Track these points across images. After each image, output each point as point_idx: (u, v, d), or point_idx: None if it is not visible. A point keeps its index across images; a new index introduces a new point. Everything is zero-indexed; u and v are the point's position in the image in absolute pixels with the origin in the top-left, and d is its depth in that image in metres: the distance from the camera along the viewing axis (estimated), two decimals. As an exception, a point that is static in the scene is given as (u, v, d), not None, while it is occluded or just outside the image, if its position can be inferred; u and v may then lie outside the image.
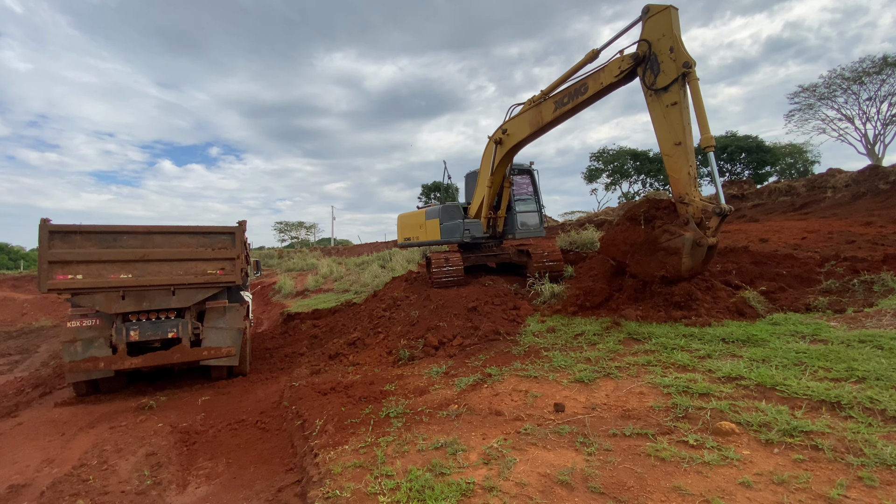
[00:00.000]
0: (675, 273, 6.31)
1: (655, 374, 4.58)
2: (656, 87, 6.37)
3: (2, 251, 49.13)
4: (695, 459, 3.10)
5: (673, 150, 6.34)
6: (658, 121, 6.48)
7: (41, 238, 6.11)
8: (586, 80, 7.42)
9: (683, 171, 6.31)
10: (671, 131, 6.33)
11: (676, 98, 6.21)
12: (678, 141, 6.27)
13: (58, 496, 3.80)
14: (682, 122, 6.21)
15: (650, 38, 6.39)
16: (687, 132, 6.25)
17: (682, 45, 6.15)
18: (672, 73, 6.18)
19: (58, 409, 6.34)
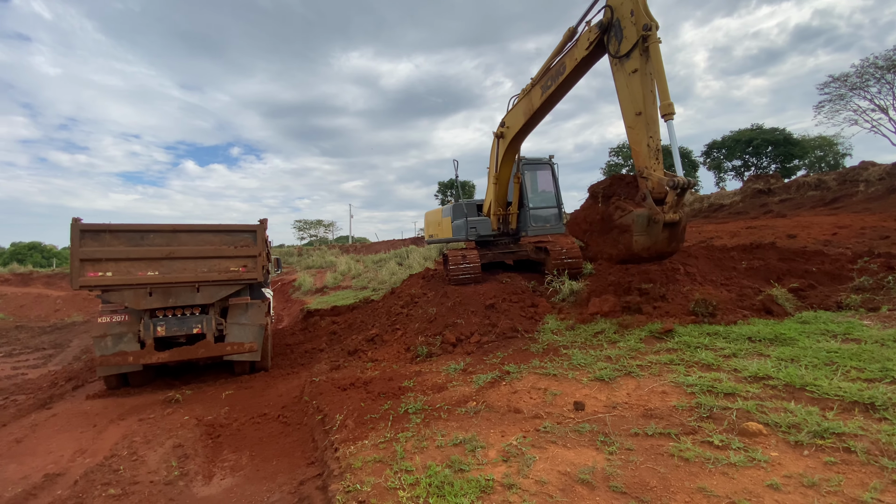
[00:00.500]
0: (627, 252, 5.99)
1: (678, 373, 4.50)
2: (619, 55, 6.06)
3: (35, 250, 51.20)
4: (720, 460, 3.03)
5: (634, 120, 5.98)
6: (621, 90, 6.14)
7: (73, 237, 6.33)
8: (564, 59, 7.18)
9: (643, 143, 5.93)
10: (632, 101, 5.98)
11: (636, 65, 5.86)
12: (638, 111, 5.91)
13: (90, 485, 3.94)
14: (643, 90, 5.83)
15: (613, 3, 6.10)
16: (648, 101, 5.85)
17: (643, 8, 5.78)
18: (633, 38, 5.85)
19: (90, 402, 6.58)
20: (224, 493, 3.83)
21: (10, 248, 51.48)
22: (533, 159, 10.06)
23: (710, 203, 17.04)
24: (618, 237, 6.06)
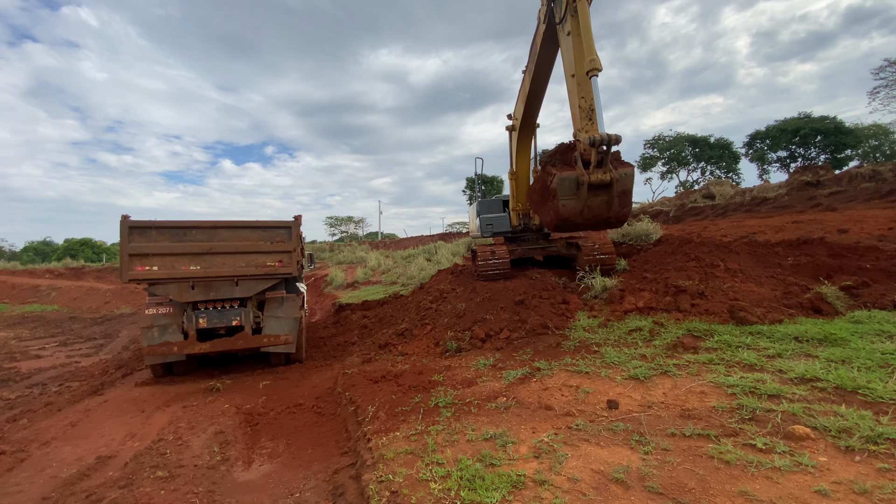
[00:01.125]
0: (557, 217, 5.88)
1: (718, 372, 4.34)
2: (559, 21, 6.09)
3: (87, 246, 54.43)
4: (763, 464, 2.92)
5: (569, 83, 5.91)
6: (562, 55, 6.18)
7: (122, 233, 6.70)
8: (535, 38, 7.36)
9: (575, 104, 5.79)
10: (567, 64, 5.94)
11: (570, 27, 5.81)
12: (571, 73, 5.82)
13: (140, 467, 4.17)
14: (575, 51, 5.76)
15: None
16: (578, 62, 5.74)
17: None
18: (563, 1, 5.88)
19: (138, 389, 6.96)
20: (263, 479, 3.98)
21: (64, 244, 54.91)
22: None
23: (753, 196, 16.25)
24: (551, 203, 5.94)
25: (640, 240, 10.41)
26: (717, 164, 41.74)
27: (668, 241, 9.50)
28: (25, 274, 29.64)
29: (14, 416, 6.03)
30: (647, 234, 10.41)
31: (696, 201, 17.91)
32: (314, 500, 3.52)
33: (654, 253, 8.79)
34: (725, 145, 41.38)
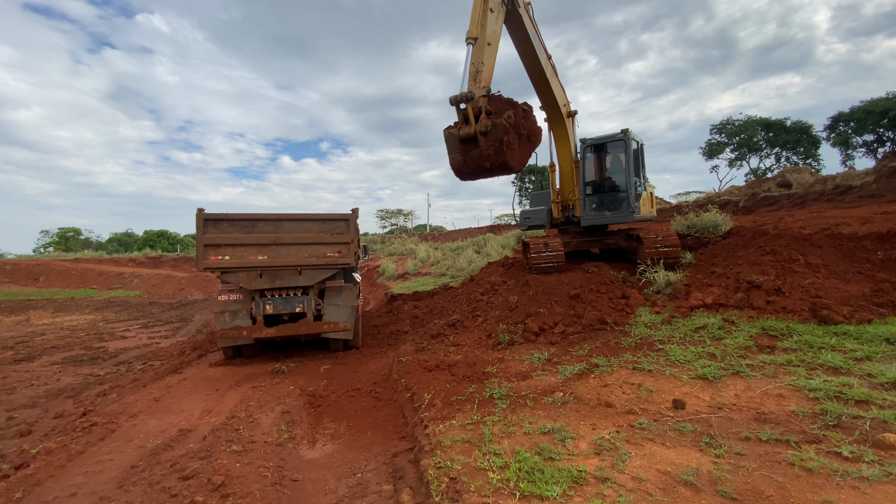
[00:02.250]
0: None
1: (798, 375, 4.03)
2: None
3: (163, 237, 59.38)
4: (850, 473, 2.70)
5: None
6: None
7: (198, 225, 7.23)
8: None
9: (470, 69, 6.51)
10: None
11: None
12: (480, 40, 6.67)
13: (217, 441, 4.51)
14: (480, 20, 6.67)
15: None
16: (481, 29, 6.66)
17: None
18: None
19: (212, 369, 7.53)
20: (326, 458, 4.19)
21: (143, 236, 60.27)
22: (599, 138, 9.18)
23: (836, 184, 14.73)
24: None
25: (707, 232, 9.76)
26: (793, 150, 38.16)
27: (739, 234, 8.86)
28: (111, 262, 32.84)
29: (104, 391, 6.73)
30: (715, 226, 9.75)
31: (769, 190, 16.52)
32: (375, 481, 3.65)
33: (723, 246, 8.23)
34: (803, 129, 37.70)
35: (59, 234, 58.32)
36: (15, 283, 27.57)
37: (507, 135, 6.53)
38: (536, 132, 7.22)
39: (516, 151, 6.74)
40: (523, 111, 6.75)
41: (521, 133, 6.84)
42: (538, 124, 7.27)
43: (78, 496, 3.59)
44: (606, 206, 9.02)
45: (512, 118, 6.49)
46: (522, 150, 6.94)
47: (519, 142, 6.79)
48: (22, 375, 8.12)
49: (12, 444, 4.87)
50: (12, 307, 20.46)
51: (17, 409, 6.29)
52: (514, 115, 6.50)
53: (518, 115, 6.61)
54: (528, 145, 7.08)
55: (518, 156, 6.83)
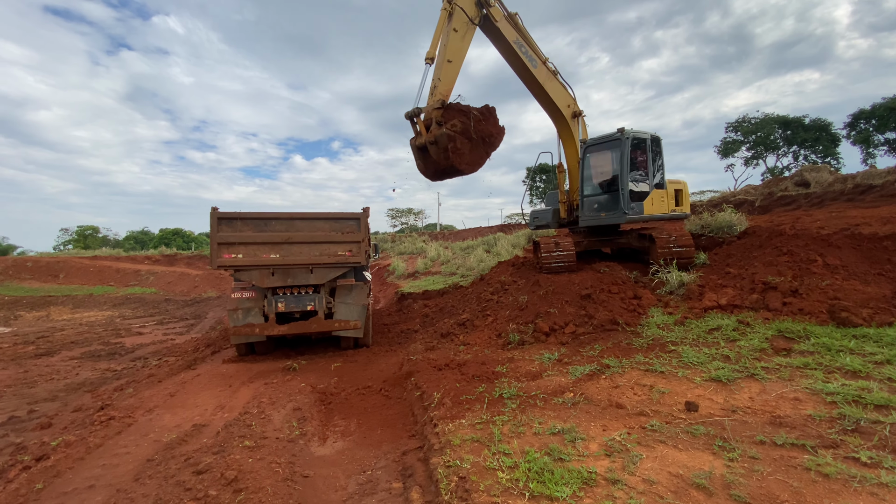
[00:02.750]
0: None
1: (815, 378, 3.95)
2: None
3: (178, 235, 60.32)
4: (868, 479, 2.64)
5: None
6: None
7: (212, 223, 7.32)
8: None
9: (431, 84, 7.57)
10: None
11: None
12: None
13: (230, 436, 4.57)
14: (441, 40, 7.68)
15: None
16: (442, 48, 7.65)
17: None
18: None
19: (225, 365, 7.64)
20: (337, 455, 4.22)
21: (159, 234, 61.27)
22: (598, 138, 9.20)
23: (856, 183, 14.35)
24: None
25: (721, 232, 9.59)
26: (812, 148, 37.33)
27: (754, 234, 8.70)
28: (128, 260, 33.46)
29: (121, 386, 6.88)
30: (730, 226, 9.57)
31: (786, 189, 16.18)
32: (385, 478, 3.68)
33: (738, 246, 8.09)
34: (822, 126, 36.85)
35: (78, 231, 59.64)
36: (36, 280, 28.27)
37: (454, 142, 7.36)
38: (493, 134, 7.99)
39: (466, 155, 7.59)
40: (477, 117, 7.50)
41: (472, 138, 7.59)
42: (498, 125, 8.06)
43: (96, 488, 3.68)
44: (602, 206, 9.01)
45: (458, 126, 7.33)
46: (475, 153, 7.74)
47: (470, 146, 7.61)
48: (42, 370, 8.34)
49: (33, 436, 5.00)
50: (33, 303, 21.00)
51: (38, 402, 6.46)
52: (459, 123, 7.32)
53: (467, 123, 7.40)
54: (482, 147, 7.85)
55: (468, 159, 7.66)
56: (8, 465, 4.23)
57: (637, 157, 8.82)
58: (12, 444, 4.87)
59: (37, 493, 3.63)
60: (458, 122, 7.39)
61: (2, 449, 4.77)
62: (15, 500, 3.53)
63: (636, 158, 8.80)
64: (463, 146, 7.47)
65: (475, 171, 8.04)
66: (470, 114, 7.49)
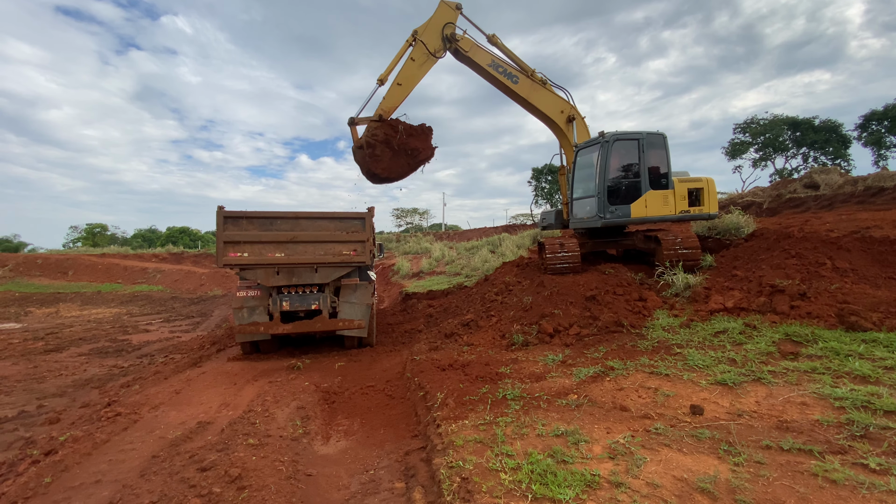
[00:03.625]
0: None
1: (823, 383, 3.90)
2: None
3: (185, 234, 60.76)
4: (877, 486, 2.60)
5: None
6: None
7: (218, 222, 7.37)
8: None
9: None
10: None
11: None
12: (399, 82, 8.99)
13: (234, 434, 4.60)
14: (395, 68, 9.00)
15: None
16: (396, 75, 8.85)
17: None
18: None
19: (230, 363, 7.68)
20: (340, 454, 4.24)
21: (166, 232, 61.74)
22: (586, 142, 9.33)
23: (867, 186, 14.17)
24: None
25: (728, 234, 9.52)
26: (822, 150, 36.91)
27: (762, 236, 8.61)
28: (135, 258, 33.77)
29: (128, 382, 6.94)
30: (737, 228, 9.49)
31: (795, 191, 16.02)
32: (388, 478, 3.68)
33: (745, 248, 8.02)
34: (833, 128, 36.42)
35: (86, 229, 60.27)
36: (45, 277, 28.62)
37: (373, 149, 8.51)
38: (419, 150, 8.98)
39: (384, 162, 8.74)
40: (402, 131, 8.58)
41: (394, 148, 8.68)
42: (429, 144, 9.02)
43: (102, 483, 3.71)
44: (587, 209, 9.05)
45: (379, 136, 8.52)
46: (395, 162, 8.85)
47: (391, 154, 8.74)
48: (51, 365, 8.44)
49: (42, 430, 5.07)
50: (43, 300, 21.26)
51: (47, 397, 6.55)
52: (382, 134, 8.52)
53: (391, 135, 8.56)
54: (405, 159, 8.91)
55: (386, 166, 8.81)
56: (18, 458, 4.29)
57: (626, 159, 8.73)
58: (22, 438, 4.94)
59: (45, 486, 3.67)
60: (381, 132, 8.53)
61: (12, 443, 4.83)
62: (24, 493, 3.58)
63: (626, 160, 8.72)
64: (383, 154, 8.64)
65: (394, 178, 9.15)
66: (398, 128, 8.61)
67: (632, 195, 8.57)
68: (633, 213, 8.53)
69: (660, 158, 8.76)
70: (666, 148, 8.75)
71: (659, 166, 8.73)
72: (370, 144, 8.46)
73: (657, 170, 8.73)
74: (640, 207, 8.55)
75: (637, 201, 8.54)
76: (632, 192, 8.59)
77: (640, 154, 8.59)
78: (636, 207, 8.54)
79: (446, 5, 9.19)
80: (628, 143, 8.62)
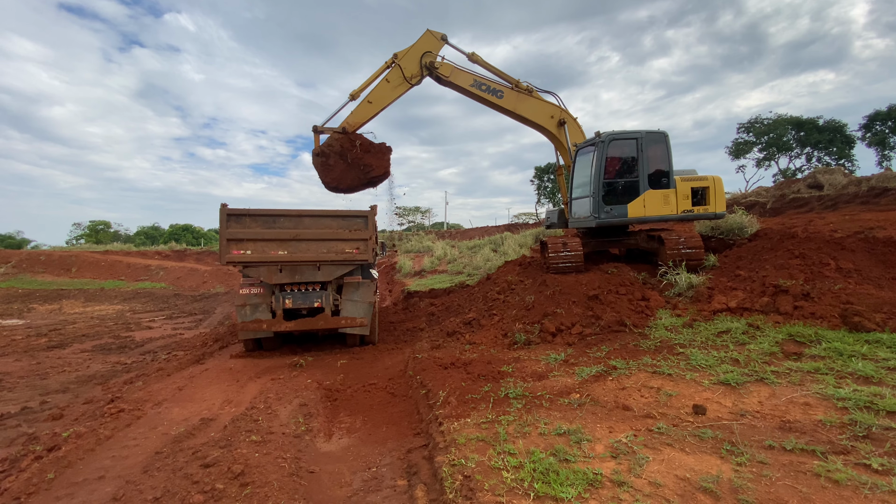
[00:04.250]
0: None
1: (826, 383, 3.89)
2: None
3: (188, 231, 60.89)
4: (879, 486, 2.60)
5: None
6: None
7: (221, 220, 7.38)
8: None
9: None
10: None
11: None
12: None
13: (237, 430, 4.61)
14: (368, 86, 9.44)
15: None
16: (368, 92, 9.37)
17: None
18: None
19: (233, 360, 7.70)
20: (342, 451, 4.25)
21: (169, 229, 61.87)
22: (583, 143, 9.37)
23: (871, 186, 14.10)
24: None
25: (732, 234, 9.49)
26: (826, 150, 36.81)
27: (765, 236, 8.59)
28: (138, 255, 33.84)
29: (131, 379, 6.96)
30: (740, 228, 9.47)
31: (798, 191, 15.97)
32: (390, 475, 3.69)
33: (748, 248, 8.00)
34: (837, 128, 36.32)
35: (90, 226, 60.48)
36: (49, 273, 28.71)
37: (326, 158, 9.00)
38: (372, 167, 9.33)
39: (335, 173, 9.14)
40: (358, 147, 9.08)
41: (348, 161, 9.12)
42: (384, 163, 9.45)
43: (106, 479, 3.73)
44: (584, 209, 9.04)
45: (335, 147, 9.02)
46: (346, 174, 9.22)
47: (344, 166, 9.15)
48: (55, 362, 8.48)
49: (45, 426, 5.09)
50: (46, 296, 21.34)
51: (50, 393, 6.58)
52: (338, 146, 9.01)
53: (346, 147, 9.06)
54: (357, 173, 9.29)
55: (336, 176, 9.21)
56: (21, 454, 4.30)
57: (624, 158, 8.67)
58: (25, 434, 4.97)
59: (48, 482, 3.69)
60: (338, 144, 9.04)
61: (15, 439, 4.86)
62: (27, 489, 3.60)
63: (623, 159, 8.67)
64: (336, 164, 9.08)
65: (344, 190, 9.54)
66: (355, 142, 9.12)
67: (629, 195, 8.53)
68: (630, 213, 8.48)
69: (661, 157, 8.65)
70: (667, 146, 8.63)
71: (660, 165, 8.64)
72: (324, 154, 8.92)
73: (658, 169, 8.63)
74: (638, 207, 8.48)
75: (635, 201, 8.48)
76: (629, 192, 8.54)
77: (638, 153, 8.53)
78: (633, 207, 8.48)
79: (431, 34, 9.55)
80: (626, 142, 8.58)
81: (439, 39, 9.57)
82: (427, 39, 9.54)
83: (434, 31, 9.53)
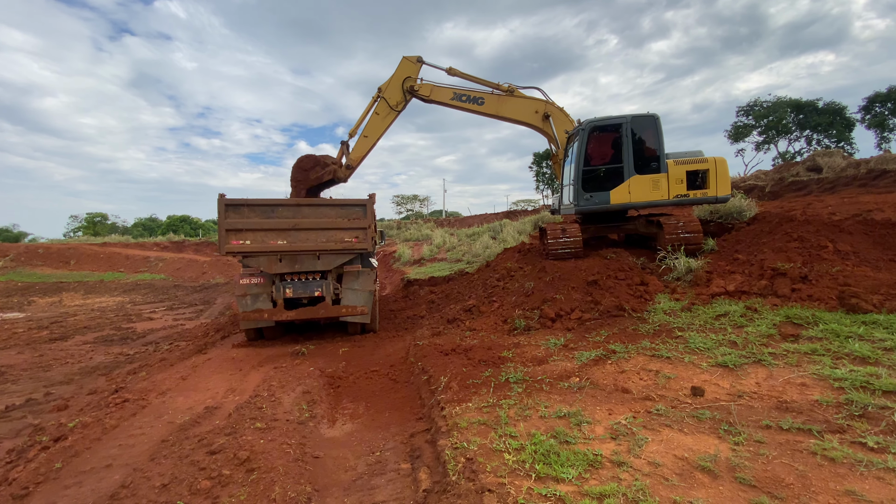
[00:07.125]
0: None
1: (823, 364, 3.94)
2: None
3: (186, 222, 60.67)
4: (875, 464, 2.66)
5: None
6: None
7: (219, 210, 7.35)
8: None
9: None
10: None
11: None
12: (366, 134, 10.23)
13: (241, 418, 4.66)
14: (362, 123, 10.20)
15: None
16: (363, 128, 10.18)
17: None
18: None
19: (235, 350, 7.75)
20: (346, 437, 4.31)
21: (167, 221, 61.66)
22: (572, 131, 9.38)
23: (870, 169, 14.07)
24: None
25: (731, 218, 9.49)
26: (825, 133, 36.63)
27: (764, 220, 8.59)
28: (136, 247, 33.78)
29: (134, 370, 7.01)
30: (739, 212, 9.46)
31: (797, 174, 15.93)
32: (394, 459, 3.75)
33: (747, 232, 8.01)
34: (836, 110, 36.08)
35: (87, 218, 60.23)
36: (48, 266, 28.67)
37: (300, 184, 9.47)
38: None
39: (300, 184, 9.48)
40: (330, 176, 9.57)
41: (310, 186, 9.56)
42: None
43: (113, 467, 3.78)
44: (568, 197, 9.07)
45: (323, 178, 9.54)
46: (299, 186, 9.54)
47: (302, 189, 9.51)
48: (57, 354, 8.52)
49: (51, 417, 5.14)
50: (46, 289, 21.34)
51: (54, 385, 6.62)
52: (326, 178, 9.51)
53: (325, 181, 9.63)
54: (303, 186, 9.67)
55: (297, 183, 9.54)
56: (27, 445, 4.36)
57: (606, 145, 8.60)
58: (30, 425, 5.02)
59: (56, 471, 3.74)
60: (327, 177, 9.55)
61: (21, 430, 4.91)
62: (35, 478, 3.65)
63: (606, 146, 8.60)
64: (297, 186, 9.56)
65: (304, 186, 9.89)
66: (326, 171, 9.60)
67: (612, 181, 8.43)
68: (613, 200, 8.39)
69: (650, 141, 8.45)
70: (657, 130, 8.40)
71: (648, 149, 8.46)
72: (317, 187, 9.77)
73: (646, 153, 8.43)
74: (623, 193, 8.37)
75: (618, 187, 8.37)
76: (612, 179, 8.45)
77: (623, 138, 8.39)
78: (616, 194, 8.38)
79: (408, 60, 10.04)
80: (609, 128, 8.52)
81: (416, 63, 10.07)
82: (405, 66, 10.06)
83: (409, 57, 10.08)
